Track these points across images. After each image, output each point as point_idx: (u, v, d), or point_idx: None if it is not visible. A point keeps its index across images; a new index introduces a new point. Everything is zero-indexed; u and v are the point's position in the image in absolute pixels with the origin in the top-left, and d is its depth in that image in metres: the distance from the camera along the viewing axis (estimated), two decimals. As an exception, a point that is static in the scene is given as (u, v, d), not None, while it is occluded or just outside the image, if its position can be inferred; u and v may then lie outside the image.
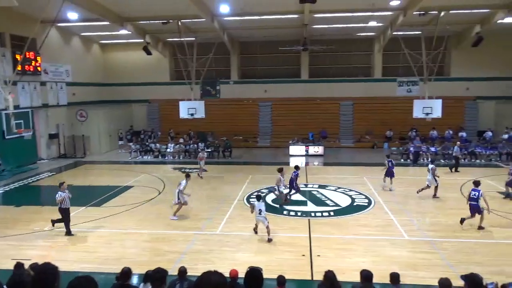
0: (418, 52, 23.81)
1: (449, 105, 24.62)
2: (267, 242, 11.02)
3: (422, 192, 15.37)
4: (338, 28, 26.09)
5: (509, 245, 10.70)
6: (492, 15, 22.28)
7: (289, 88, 30.16)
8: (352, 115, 29.66)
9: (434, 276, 6.97)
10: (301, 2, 16.78)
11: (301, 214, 13.67)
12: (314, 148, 25.70)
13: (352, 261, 9.67)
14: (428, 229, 12.08)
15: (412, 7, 20.17)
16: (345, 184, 17.47)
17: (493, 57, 27.49)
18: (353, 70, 30.95)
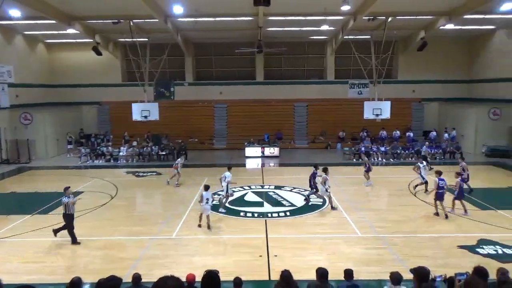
0: (368, 56, 24.74)
1: (397, 107, 25.77)
2: (198, 227, 11.99)
3: (378, 190, 16.01)
4: (292, 31, 26.54)
5: (453, 238, 11.33)
6: (435, 21, 23.59)
7: (244, 90, 30.27)
8: (306, 117, 30.26)
9: (386, 270, 7.23)
10: (255, 5, 16.89)
11: (257, 215, 13.73)
12: (269, 149, 25.94)
13: (308, 260, 9.83)
14: (380, 225, 12.54)
15: (362, 12, 20.95)
16: (301, 184, 17.76)
17: (437, 61, 29.16)
18: (307, 73, 31.62)
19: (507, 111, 24.92)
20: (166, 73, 30.17)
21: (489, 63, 27.49)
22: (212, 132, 30.19)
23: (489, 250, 10.40)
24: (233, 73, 31.59)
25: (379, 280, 8.59)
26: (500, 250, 10.43)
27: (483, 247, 10.60)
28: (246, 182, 18.44)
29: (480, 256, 10.08)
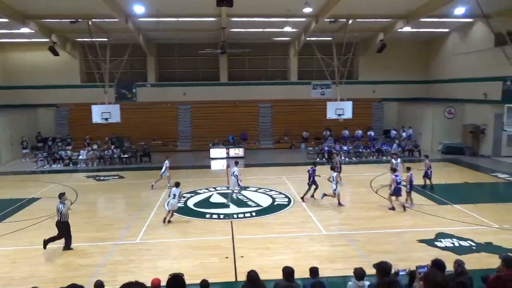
0: (330, 57, 25.23)
1: (358, 107, 26.42)
2: (163, 222, 12.17)
3: (342, 188, 16.30)
4: (255, 32, 26.64)
5: (413, 233, 11.75)
6: (393, 24, 24.41)
7: (208, 91, 30.07)
8: (270, 117, 30.46)
9: (350, 266, 7.39)
10: (218, 5, 16.82)
11: (223, 216, 13.66)
12: (234, 150, 25.90)
13: (275, 259, 9.89)
14: (343, 223, 12.81)
15: (323, 15, 21.35)
16: (266, 185, 17.86)
17: (395, 62, 30.16)
18: (270, 73, 31.84)
19: (461, 110, 26.18)
20: (127, 74, 29.44)
21: (443, 65, 28.76)
22: (176, 134, 29.78)
23: (446, 243, 10.87)
24: (196, 74, 31.32)
25: (344, 277, 8.76)
26: (457, 242, 10.92)
27: (441, 241, 11.06)
28: (211, 184, 18.32)
29: (438, 249, 10.51)
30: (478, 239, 11.06)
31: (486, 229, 11.98)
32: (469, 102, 25.55)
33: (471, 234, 11.50)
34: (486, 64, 23.26)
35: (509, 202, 15.05)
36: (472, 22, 24.55)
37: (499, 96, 22.26)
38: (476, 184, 18.06)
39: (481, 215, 13.24)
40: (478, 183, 18.23)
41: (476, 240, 11.03)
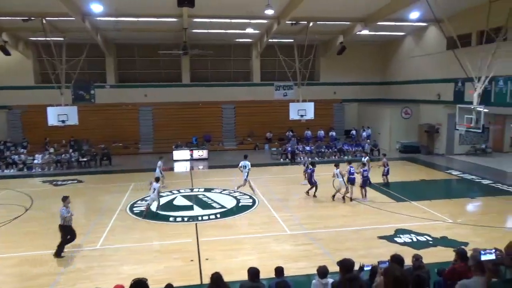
0: (292, 59, 25.56)
1: (320, 108, 26.91)
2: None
3: (304, 188, 16.61)
4: (218, 34, 26.54)
5: (374, 230, 12.12)
6: (352, 27, 25.08)
7: (170, 92, 29.60)
8: (234, 118, 30.44)
9: (314, 265, 7.52)
10: (179, 6, 16.62)
11: (187, 219, 13.51)
12: (198, 152, 25.68)
13: (240, 260, 9.89)
14: (307, 222, 13.00)
15: (285, 17, 21.60)
16: (230, 186, 17.82)
17: (355, 64, 30.97)
18: (233, 75, 31.82)
19: (416, 110, 27.30)
20: (85, 75, 28.47)
21: (400, 67, 29.87)
22: (138, 136, 29.13)
23: (405, 239, 11.29)
24: (158, 75, 30.77)
25: (308, 275, 8.89)
26: (415, 238, 11.37)
27: (400, 236, 11.48)
28: (175, 186, 18.06)
29: (398, 244, 10.90)
30: (435, 234, 11.57)
31: (442, 224, 12.55)
32: (424, 102, 26.68)
33: (428, 229, 12.02)
34: (439, 66, 24.38)
35: (462, 197, 15.88)
36: (426, 26, 25.69)
37: (452, 97, 23.41)
38: (431, 181, 18.88)
39: (436, 210, 13.86)
40: (433, 180, 19.07)
41: (433, 234, 11.53)
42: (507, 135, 26.09)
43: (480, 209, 14.85)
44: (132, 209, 14.70)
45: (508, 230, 12.17)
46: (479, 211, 14.69)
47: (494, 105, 20.27)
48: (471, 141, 24.97)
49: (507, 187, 17.16)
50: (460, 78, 21.31)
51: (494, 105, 20.27)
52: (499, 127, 25.88)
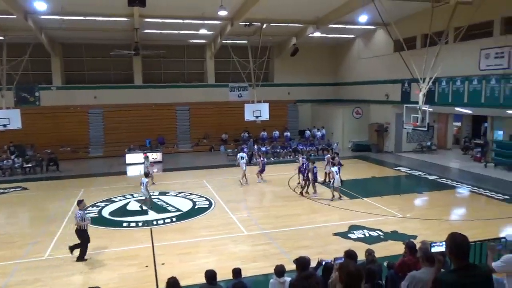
0: (246, 60, 25.64)
1: (275, 108, 27.18)
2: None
3: (261, 188, 16.65)
4: (171, 34, 26.08)
5: (329, 227, 12.39)
6: (304, 29, 25.57)
7: (122, 94, 28.69)
8: (188, 120, 30.02)
9: (271, 264, 7.53)
10: (130, 5, 16.15)
11: (142, 224, 13.13)
12: (152, 155, 25.03)
13: (197, 264, 9.74)
14: (264, 222, 13.06)
15: (238, 18, 21.62)
16: (186, 189, 17.55)
17: (308, 65, 31.58)
18: (187, 76, 31.39)
19: (367, 110, 28.30)
20: (29, 76, 26.94)
21: (351, 68, 30.86)
22: (87, 140, 27.95)
23: (358, 235, 11.64)
24: (108, 76, 29.71)
25: (266, 274, 8.91)
26: (367, 233, 11.75)
27: (353, 233, 11.81)
28: (128, 191, 17.50)
29: (351, 240, 11.20)
30: (386, 229, 12.02)
31: (392, 219, 13.07)
32: (373, 102, 27.72)
33: (379, 224, 12.46)
34: (387, 68, 25.43)
35: (410, 193, 16.65)
36: (374, 29, 26.73)
37: (399, 97, 24.50)
38: (382, 178, 19.63)
39: (387, 206, 14.41)
40: (383, 177, 19.84)
41: (384, 229, 11.97)
42: (450, 132, 27.72)
43: (427, 203, 15.63)
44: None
45: (453, 222, 12.89)
46: (426, 205, 15.45)
47: (437, 105, 21.47)
48: (417, 139, 26.26)
49: (451, 182, 18.20)
50: (407, 79, 22.36)
51: (437, 105, 21.47)
52: (442, 125, 27.43)
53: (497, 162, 20.75)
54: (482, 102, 19.15)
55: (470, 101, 19.80)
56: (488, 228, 11.68)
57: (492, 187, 16.77)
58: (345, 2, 19.87)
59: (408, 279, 4.98)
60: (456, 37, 18.30)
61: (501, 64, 17.50)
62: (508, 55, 17.17)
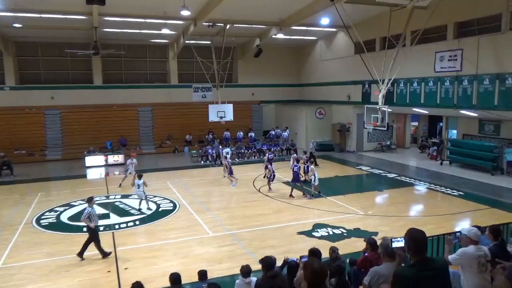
0: (210, 60, 25.49)
1: (239, 109, 27.23)
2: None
3: (226, 189, 16.59)
4: (132, 33, 25.49)
5: (294, 226, 12.53)
6: (267, 30, 25.73)
7: (81, 95, 27.73)
8: (151, 121, 29.44)
9: (237, 265, 7.53)
10: (88, 3, 15.65)
11: (103, 228, 12.72)
12: (113, 157, 24.40)
13: (161, 267, 9.56)
14: (229, 223, 13.02)
15: (201, 18, 21.42)
16: (149, 191, 17.12)
17: (272, 66, 31.80)
18: (149, 76, 30.78)
19: (329, 110, 28.88)
20: (-21, 75, 25.53)
21: (314, 69, 31.37)
22: (44, 142, 26.78)
23: (322, 233, 11.84)
24: (66, 76, 28.61)
25: (232, 275, 8.89)
26: (331, 231, 11.98)
27: (317, 231, 12.01)
28: (88, 194, 16.84)
29: (316, 239, 11.38)
30: (349, 226, 12.30)
31: (355, 217, 13.40)
32: (336, 103, 28.32)
33: (342, 222, 12.74)
34: (349, 70, 26.06)
35: (372, 190, 17.14)
36: (336, 32, 27.32)
37: (360, 98, 25.19)
38: (344, 177, 20.09)
39: (350, 204, 14.77)
40: (346, 176, 20.31)
41: (347, 227, 12.25)
42: (408, 132, 28.79)
43: (387, 200, 16.14)
44: (39, 221, 13.47)
45: (411, 218, 13.38)
46: (386, 202, 15.95)
47: (396, 105, 22.26)
48: (377, 138, 27.09)
49: (409, 179, 18.90)
50: (367, 80, 23.04)
51: (396, 105, 22.26)
52: (401, 125, 28.44)
53: (451, 159, 21.74)
54: (437, 103, 20.04)
55: (426, 101, 20.66)
56: (444, 223, 12.23)
57: (447, 184, 17.57)
58: (307, 4, 20.17)
59: (370, 274, 5.12)
60: (413, 40, 19.06)
61: (454, 67, 18.36)
62: (460, 58, 18.05)
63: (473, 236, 5.38)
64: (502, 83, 16.79)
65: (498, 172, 18.84)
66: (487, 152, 19.20)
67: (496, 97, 17.04)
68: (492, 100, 17.19)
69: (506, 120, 18.56)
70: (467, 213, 13.58)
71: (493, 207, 13.92)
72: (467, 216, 13.30)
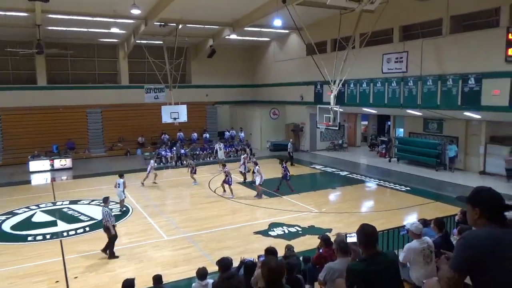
0: (162, 61, 24.98)
1: (193, 110, 26.91)
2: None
3: (181, 191, 16.33)
4: (79, 32, 24.43)
5: (250, 226, 12.57)
6: (221, 31, 25.65)
7: (23, 96, 26.11)
8: (101, 123, 28.35)
9: (194, 268, 7.41)
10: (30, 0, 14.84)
11: (50, 236, 12.10)
12: (60, 161, 23.25)
13: (115, 274, 9.26)
14: (185, 225, 12.83)
15: (153, 18, 20.96)
16: (100, 196, 16.47)
17: (226, 67, 31.72)
18: (99, 77, 29.65)
19: (283, 111, 29.27)
20: None
21: (267, 70, 31.65)
22: (-17, 147, 25.05)
23: (278, 232, 11.97)
24: (6, 76, 26.86)
25: (189, 278, 8.76)
26: (286, 230, 12.13)
27: (273, 230, 12.12)
28: (33, 201, 16.00)
29: (272, 237, 11.48)
30: (303, 224, 12.53)
31: (309, 215, 13.67)
32: (289, 103, 28.76)
33: (297, 220, 12.96)
34: (301, 70, 26.54)
35: (325, 188, 17.59)
36: (289, 33, 27.73)
37: (313, 98, 25.74)
38: (299, 176, 20.40)
39: (304, 202, 15.05)
40: (300, 175, 20.65)
41: (302, 225, 12.47)
42: (359, 131, 29.81)
43: (340, 197, 16.63)
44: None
45: (363, 214, 13.86)
46: (339, 199, 16.42)
47: (347, 105, 22.95)
48: (330, 137, 27.82)
49: (360, 176, 19.58)
50: (319, 81, 23.59)
51: (347, 105, 22.95)
52: (352, 124, 29.40)
53: (399, 157, 22.76)
54: (385, 103, 20.90)
55: (375, 101, 21.50)
56: (393, 217, 12.77)
57: (395, 180, 18.37)
58: (260, 6, 20.33)
59: (325, 270, 5.23)
60: (362, 43, 19.75)
61: (400, 68, 19.26)
62: (406, 60, 18.95)
63: (415, 230, 5.68)
64: (443, 84, 17.83)
65: (442, 168, 19.96)
66: (431, 149, 20.30)
67: (439, 97, 18.06)
68: (435, 99, 18.20)
69: (448, 119, 19.71)
70: (414, 207, 14.28)
71: (437, 201, 14.73)
72: (414, 210, 13.98)
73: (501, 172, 17.48)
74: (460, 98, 17.13)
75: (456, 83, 17.23)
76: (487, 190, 2.69)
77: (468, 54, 16.83)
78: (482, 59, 16.18)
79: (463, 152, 19.64)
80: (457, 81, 17.20)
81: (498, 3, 16.22)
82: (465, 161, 19.70)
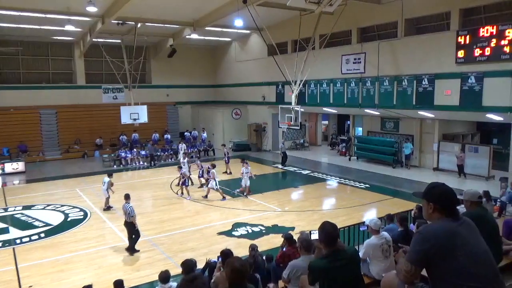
0: (121, 60, 24.31)
1: (153, 111, 26.40)
2: None
3: (141, 193, 15.93)
4: (30, 29, 23.30)
5: (213, 227, 12.48)
6: (181, 30, 25.28)
7: (-31, 96, 24.65)
8: (56, 125, 27.16)
9: (157, 271, 7.27)
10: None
11: (2, 244, 11.46)
12: (11, 165, 22.07)
13: (72, 281, 8.90)
14: (146, 228, 12.52)
15: (110, 16, 20.30)
16: (56, 200, 15.88)
17: (187, 67, 31.32)
18: (53, 76, 28.39)
19: (245, 111, 29.31)
20: None
21: (229, 70, 31.57)
22: None
23: (242, 232, 11.96)
24: (-50, 75, 25.26)
25: (151, 282, 8.58)
26: (250, 229, 12.15)
27: (237, 230, 12.10)
28: (-17, 208, 15.11)
29: (235, 238, 11.46)
30: (267, 223, 12.60)
31: (272, 214, 13.76)
32: (251, 104, 28.83)
33: (261, 219, 13.01)
34: (263, 71, 26.68)
35: (288, 187, 17.80)
36: (250, 34, 27.79)
37: (274, 98, 25.96)
38: (262, 175, 20.48)
39: (267, 202, 15.14)
40: (263, 174, 20.75)
41: (265, 224, 12.53)
42: (319, 130, 30.37)
43: (302, 196, 16.85)
44: None
45: (325, 212, 14.13)
46: (301, 198, 16.64)
47: (308, 105, 23.34)
48: (292, 137, 28.13)
49: (322, 175, 19.96)
50: (280, 81, 23.81)
51: (308, 105, 23.34)
52: (313, 124, 29.90)
53: (358, 155, 23.40)
54: (344, 103, 21.43)
55: (335, 101, 21.99)
56: (354, 214, 13.12)
57: (355, 178, 18.87)
58: (221, 5, 20.23)
59: (289, 268, 5.27)
60: (322, 44, 20.15)
61: (359, 69, 19.81)
62: (363, 61, 19.52)
63: (374, 226, 5.87)
64: (399, 84, 18.54)
65: (398, 165, 20.71)
66: (388, 147, 21.01)
67: (395, 97, 18.75)
68: (391, 99, 18.87)
69: (403, 118, 20.49)
70: (373, 204, 14.72)
71: (395, 197, 15.28)
72: (373, 207, 14.41)
73: (453, 168, 18.38)
74: (414, 98, 17.88)
75: (411, 84, 17.96)
76: (440, 186, 2.81)
77: (421, 56, 17.59)
78: (435, 61, 16.96)
79: (418, 150, 20.49)
80: (411, 81, 17.93)
81: (449, 8, 17.06)
82: (420, 158, 20.55)
